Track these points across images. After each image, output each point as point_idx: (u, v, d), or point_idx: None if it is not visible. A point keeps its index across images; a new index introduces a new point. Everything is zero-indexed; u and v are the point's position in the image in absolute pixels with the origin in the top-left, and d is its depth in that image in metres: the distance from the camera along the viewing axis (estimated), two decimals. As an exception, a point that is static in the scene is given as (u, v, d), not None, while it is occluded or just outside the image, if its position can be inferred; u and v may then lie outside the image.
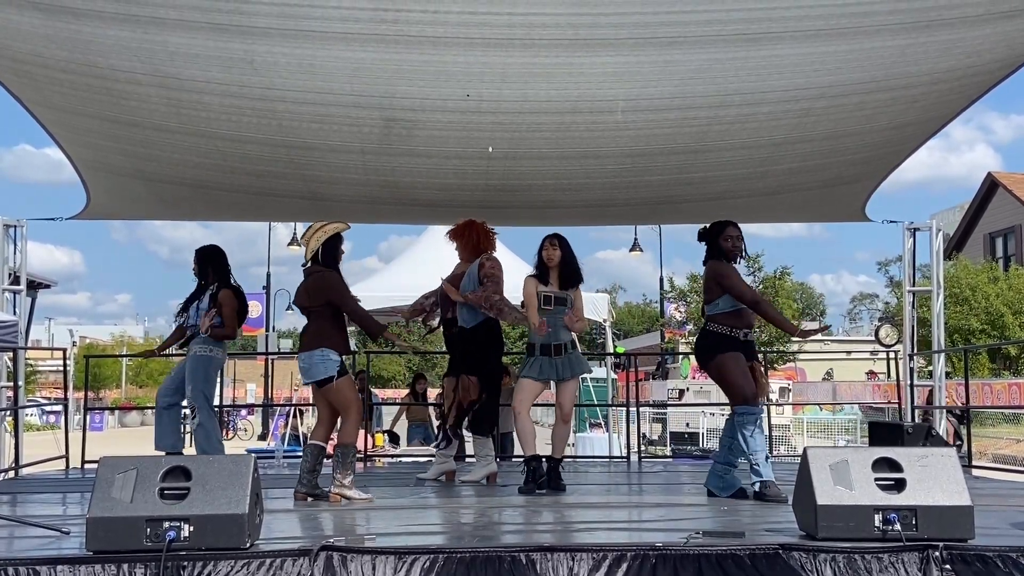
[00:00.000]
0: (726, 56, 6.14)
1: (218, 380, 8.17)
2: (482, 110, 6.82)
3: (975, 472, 8.64)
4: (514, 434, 8.44)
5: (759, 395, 6.41)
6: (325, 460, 6.59)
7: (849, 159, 7.92)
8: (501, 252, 8.52)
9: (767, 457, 6.33)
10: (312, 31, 5.80)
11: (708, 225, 6.68)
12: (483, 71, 6.29)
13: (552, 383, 6.93)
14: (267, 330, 32.51)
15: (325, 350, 6.25)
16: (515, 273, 7.96)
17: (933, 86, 6.69)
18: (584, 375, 7.43)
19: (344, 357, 6.36)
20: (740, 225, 6.66)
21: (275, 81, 6.40)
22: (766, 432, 6.58)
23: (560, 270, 6.89)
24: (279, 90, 6.52)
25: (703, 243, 6.68)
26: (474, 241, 7.59)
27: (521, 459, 7.01)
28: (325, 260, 6.36)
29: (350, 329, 7.63)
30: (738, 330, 6.43)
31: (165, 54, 6.09)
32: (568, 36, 5.94)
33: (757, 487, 6.17)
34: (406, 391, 15.02)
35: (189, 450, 8.12)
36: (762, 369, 6.59)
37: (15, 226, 9.33)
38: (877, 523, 4.06)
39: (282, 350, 26.30)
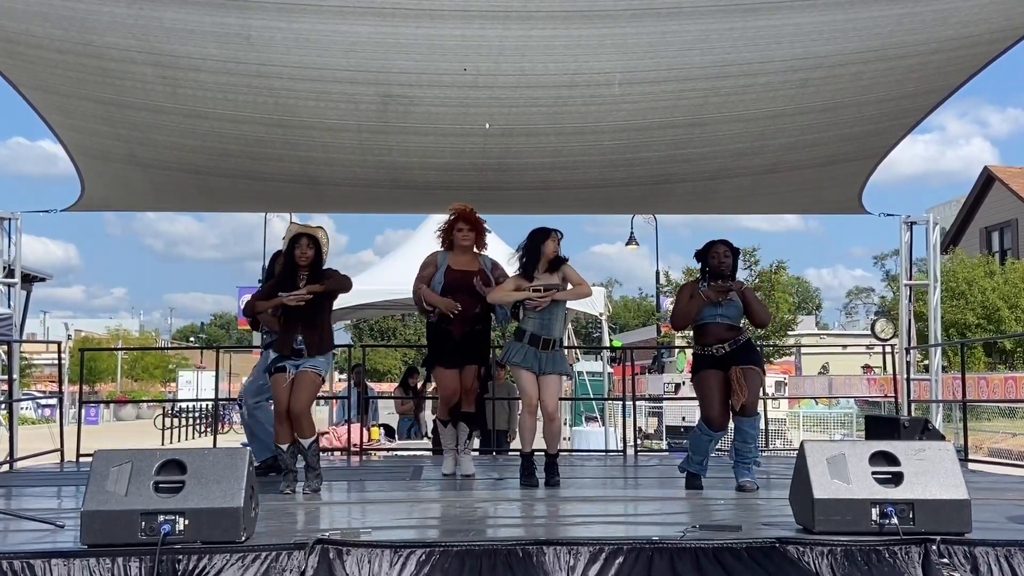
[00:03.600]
0: (723, 26, 6.14)
1: None
2: (479, 84, 6.81)
3: (971, 466, 8.64)
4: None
5: (735, 401, 6.44)
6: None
7: (847, 133, 7.88)
8: (494, 243, 8.48)
9: (703, 462, 6.70)
10: (308, 4, 5.79)
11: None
12: (480, 44, 6.28)
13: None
14: (263, 324, 32.43)
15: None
16: (510, 265, 7.92)
17: (931, 56, 6.68)
18: (569, 373, 7.41)
19: (274, 352, 6.35)
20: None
21: (271, 57, 6.39)
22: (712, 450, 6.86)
23: (550, 262, 6.79)
24: (275, 66, 6.51)
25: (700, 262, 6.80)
26: (480, 232, 7.35)
27: (519, 453, 7.06)
28: None
29: (346, 322, 7.52)
30: (708, 347, 6.51)
31: (161, 31, 6.06)
32: (565, 8, 5.94)
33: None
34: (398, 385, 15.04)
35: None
36: (741, 378, 6.41)
37: (9, 219, 9.29)
38: (874, 517, 4.06)
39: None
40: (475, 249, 7.26)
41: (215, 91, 6.90)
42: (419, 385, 13.60)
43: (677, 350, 33.42)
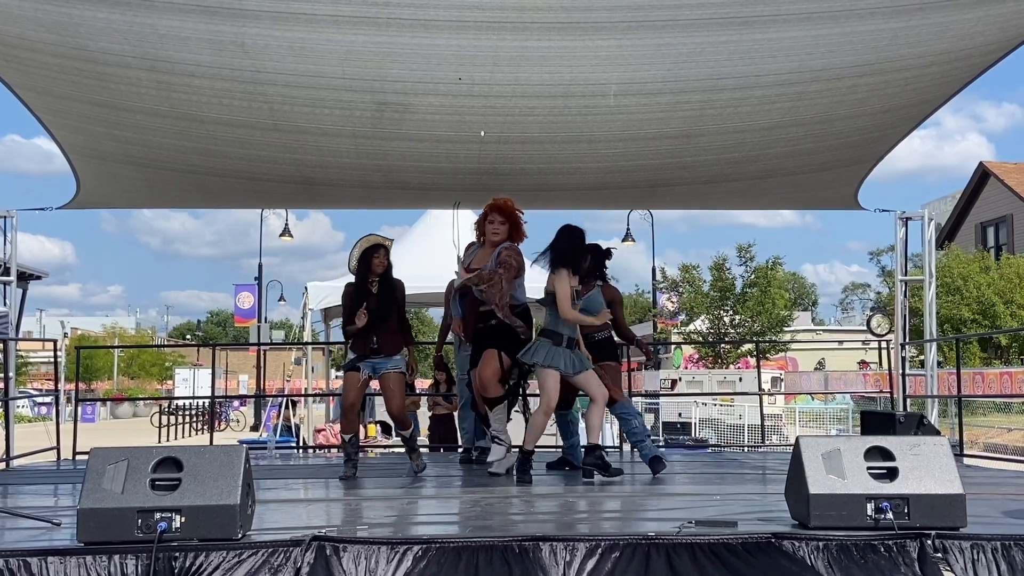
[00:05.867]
0: (719, 39, 6.15)
1: None
2: (474, 94, 6.82)
3: (966, 461, 8.66)
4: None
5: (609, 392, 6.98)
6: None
7: (842, 142, 7.92)
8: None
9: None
10: (303, 13, 5.80)
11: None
12: (475, 54, 6.29)
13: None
14: (259, 321, 32.44)
15: None
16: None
17: (926, 69, 6.70)
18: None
19: (352, 352, 6.89)
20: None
21: (266, 64, 6.39)
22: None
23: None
24: (270, 73, 6.52)
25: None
26: (515, 224, 7.00)
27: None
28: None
29: (341, 321, 7.55)
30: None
31: (155, 37, 6.07)
32: (560, 19, 5.94)
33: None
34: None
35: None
36: (611, 370, 7.21)
37: (5, 217, 9.28)
38: (869, 512, 4.07)
39: (274, 341, 26.25)
40: (510, 242, 6.95)
41: (210, 96, 6.91)
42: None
43: (674, 346, 33.45)
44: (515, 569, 3.80)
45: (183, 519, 3.86)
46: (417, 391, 13.97)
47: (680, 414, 20.28)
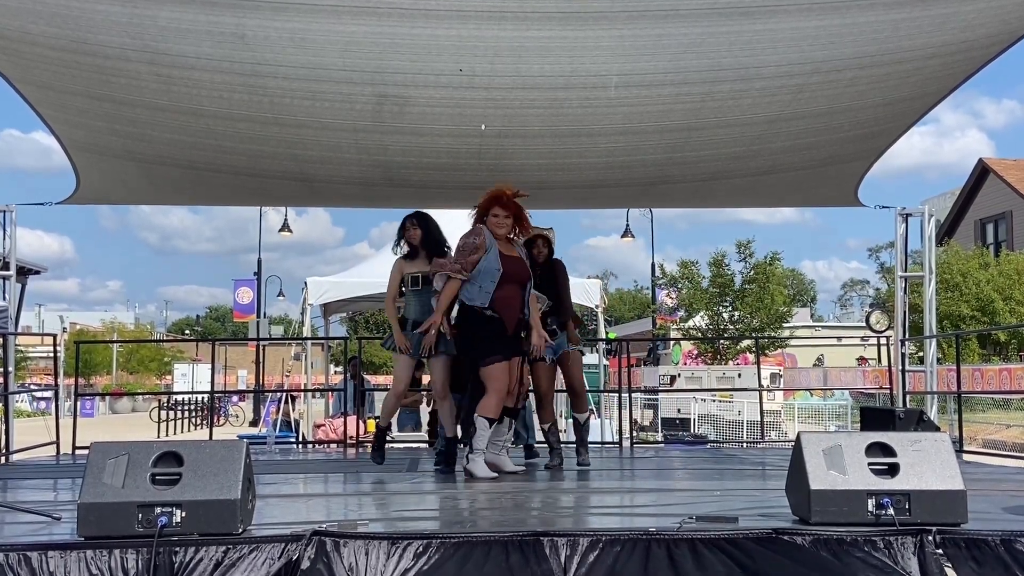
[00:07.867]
0: (720, 30, 6.13)
1: None
2: (474, 85, 6.80)
3: (966, 457, 8.66)
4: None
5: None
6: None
7: (843, 136, 7.90)
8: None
9: None
10: (303, 4, 5.78)
11: None
12: (476, 45, 6.27)
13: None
14: (258, 316, 32.44)
15: None
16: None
17: (927, 61, 6.69)
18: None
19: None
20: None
21: (266, 56, 6.38)
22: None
23: (427, 249, 7.06)
24: (270, 65, 6.50)
25: None
26: (520, 218, 6.70)
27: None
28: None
29: (341, 315, 7.56)
30: None
31: (155, 29, 6.06)
32: (561, 9, 5.93)
33: None
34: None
35: None
36: None
37: (4, 211, 9.27)
38: (870, 507, 4.06)
39: (273, 336, 26.23)
40: (511, 236, 6.65)
41: (210, 89, 6.89)
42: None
43: (672, 342, 33.44)
44: (515, 564, 3.80)
45: (183, 514, 3.85)
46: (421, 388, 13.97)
47: (679, 410, 20.31)
